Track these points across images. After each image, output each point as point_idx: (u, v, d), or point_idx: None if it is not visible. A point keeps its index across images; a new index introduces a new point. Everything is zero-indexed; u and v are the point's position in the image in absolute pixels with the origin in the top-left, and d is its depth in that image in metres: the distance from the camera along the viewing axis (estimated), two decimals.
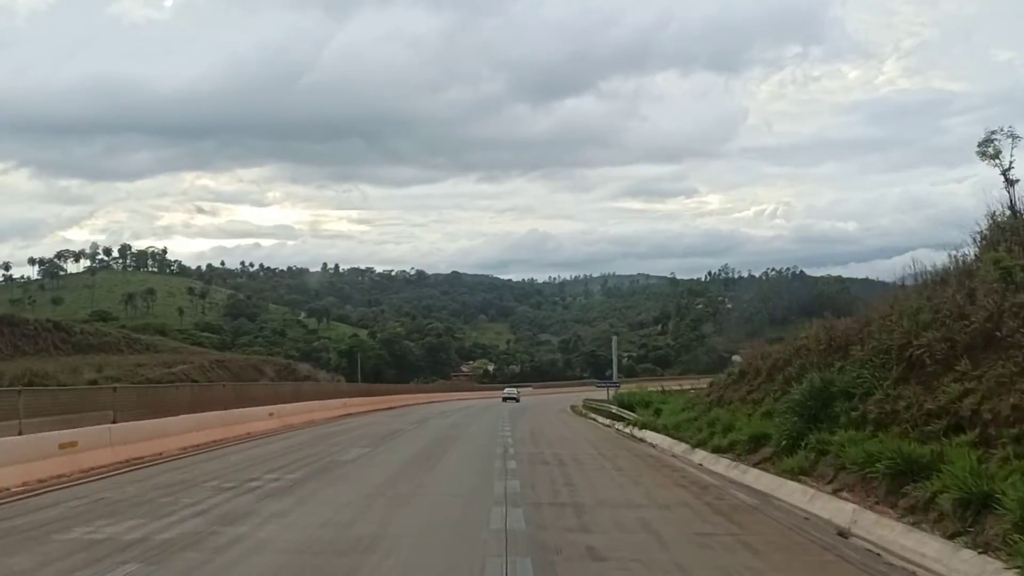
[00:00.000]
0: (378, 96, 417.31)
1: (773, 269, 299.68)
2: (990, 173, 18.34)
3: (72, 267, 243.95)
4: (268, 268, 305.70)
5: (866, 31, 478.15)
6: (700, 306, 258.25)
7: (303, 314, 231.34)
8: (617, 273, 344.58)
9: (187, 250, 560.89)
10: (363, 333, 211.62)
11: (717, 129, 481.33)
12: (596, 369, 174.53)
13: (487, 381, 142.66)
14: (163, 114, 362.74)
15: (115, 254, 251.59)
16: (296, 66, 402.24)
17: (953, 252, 16.98)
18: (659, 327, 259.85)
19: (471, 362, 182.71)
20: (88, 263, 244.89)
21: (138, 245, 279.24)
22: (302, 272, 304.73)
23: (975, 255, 16.34)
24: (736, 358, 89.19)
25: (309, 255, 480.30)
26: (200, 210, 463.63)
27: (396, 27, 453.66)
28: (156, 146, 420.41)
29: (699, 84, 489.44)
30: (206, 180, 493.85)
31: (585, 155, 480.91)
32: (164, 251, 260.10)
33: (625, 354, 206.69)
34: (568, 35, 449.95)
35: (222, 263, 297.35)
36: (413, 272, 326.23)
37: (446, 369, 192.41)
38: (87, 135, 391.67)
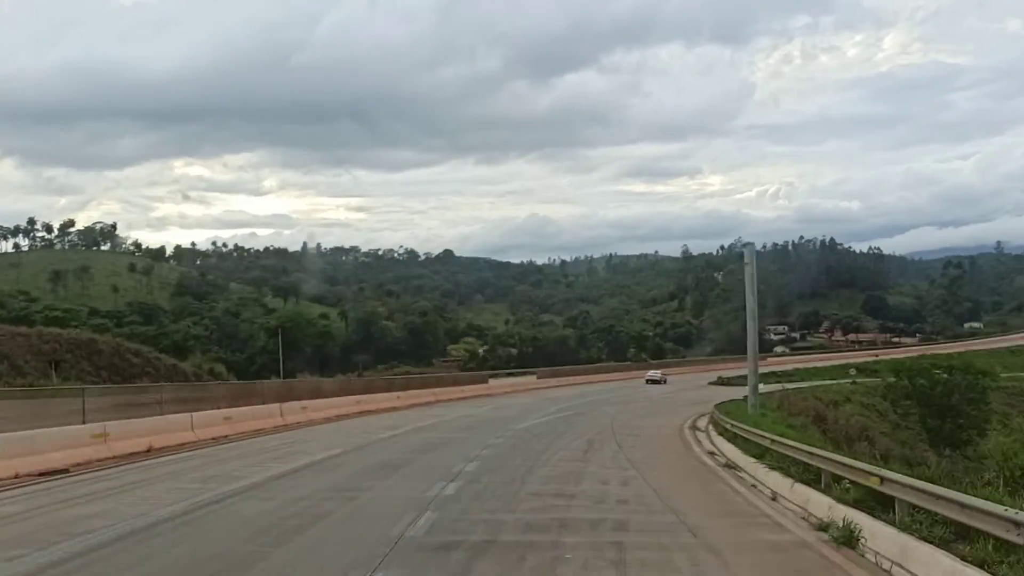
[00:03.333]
0: (371, 75, 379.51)
1: (800, 238, 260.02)
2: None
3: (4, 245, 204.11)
4: (241, 247, 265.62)
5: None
6: (721, 279, 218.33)
7: (269, 294, 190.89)
8: (620, 253, 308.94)
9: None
10: (333, 313, 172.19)
11: (723, 105, 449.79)
12: (615, 349, 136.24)
13: (474, 367, 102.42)
14: (148, 98, 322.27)
15: (56, 231, 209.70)
16: (285, 45, 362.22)
17: None
18: (676, 303, 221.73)
19: (458, 344, 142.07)
20: (24, 240, 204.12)
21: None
22: (280, 252, 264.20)
23: None
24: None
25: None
26: (186, 197, 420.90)
27: (389, 1, 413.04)
28: (140, 131, 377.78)
29: (704, 57, 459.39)
30: (198, 168, 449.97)
31: (586, 134, 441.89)
32: (114, 227, 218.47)
33: (637, 333, 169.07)
34: (568, 6, 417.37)
35: (192, 244, 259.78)
36: (403, 252, 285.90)
37: (430, 354, 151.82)
38: (70, 121, 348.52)
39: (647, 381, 75.30)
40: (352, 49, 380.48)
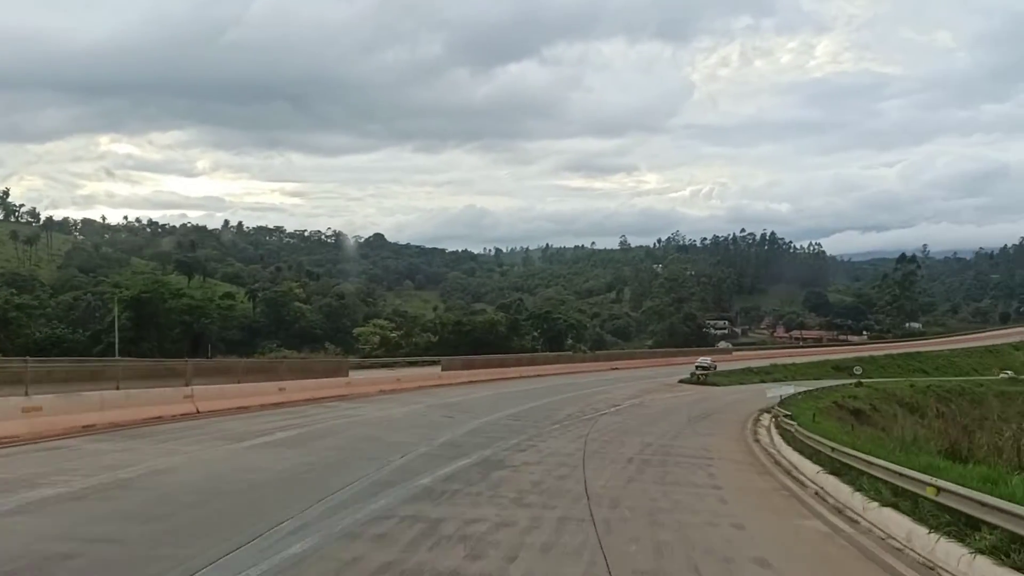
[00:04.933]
0: (307, 56, 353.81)
1: (742, 231, 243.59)
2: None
3: None
4: (156, 223, 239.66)
5: (820, 5, 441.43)
6: (662, 270, 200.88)
7: (174, 271, 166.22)
8: (555, 246, 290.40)
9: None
10: (241, 292, 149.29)
11: (662, 103, 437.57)
12: (551, 338, 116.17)
13: (382, 353, 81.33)
14: (73, 69, 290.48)
15: None
16: (219, 21, 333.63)
17: None
18: (613, 294, 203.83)
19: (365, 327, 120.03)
20: None
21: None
22: (199, 230, 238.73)
23: None
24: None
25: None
26: (109, 174, 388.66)
27: None
28: (65, 104, 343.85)
29: (646, 54, 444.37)
30: (126, 145, 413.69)
31: (526, 126, 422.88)
32: (7, 192, 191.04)
33: (576, 321, 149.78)
34: None
35: (103, 217, 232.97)
36: (331, 233, 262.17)
37: (348, 339, 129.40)
38: None
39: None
40: (288, 28, 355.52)
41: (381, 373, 41.25)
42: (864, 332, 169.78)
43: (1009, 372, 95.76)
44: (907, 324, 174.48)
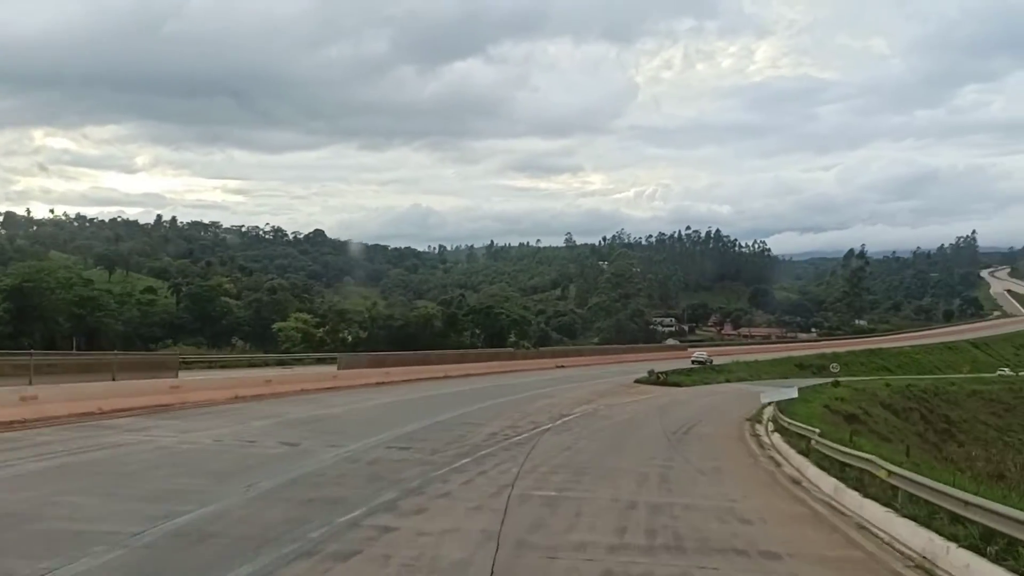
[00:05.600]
0: (250, 50, 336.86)
1: (688, 228, 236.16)
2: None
3: None
4: (84, 217, 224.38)
5: (761, 9, 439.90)
6: (608, 266, 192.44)
7: (95, 265, 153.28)
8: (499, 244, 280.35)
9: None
10: (164, 286, 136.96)
11: (607, 104, 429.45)
12: (492, 334, 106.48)
13: (304, 349, 70.77)
14: (5, 60, 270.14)
15: None
16: (159, 12, 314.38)
17: None
18: (559, 291, 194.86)
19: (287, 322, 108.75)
20: None
21: None
22: (129, 224, 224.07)
23: None
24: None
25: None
26: (43, 169, 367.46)
27: None
28: None
29: (592, 55, 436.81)
30: (62, 140, 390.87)
31: (472, 125, 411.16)
32: None
33: (520, 317, 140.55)
34: None
35: (27, 211, 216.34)
36: (269, 229, 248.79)
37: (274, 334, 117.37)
38: None
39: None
40: (231, 22, 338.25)
41: (256, 373, 31.07)
42: (812, 329, 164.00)
43: (1006, 370, 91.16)
44: (855, 321, 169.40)
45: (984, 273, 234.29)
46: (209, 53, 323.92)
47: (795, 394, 27.81)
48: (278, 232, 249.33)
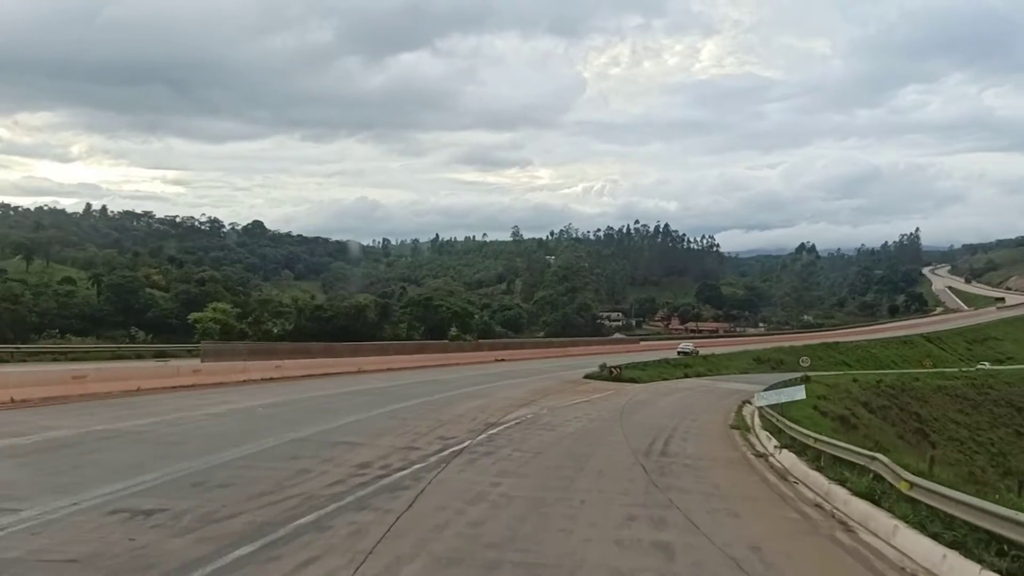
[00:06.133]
0: (188, 38, 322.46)
1: (636, 222, 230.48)
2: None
3: None
4: (6, 205, 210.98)
5: (708, 7, 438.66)
6: (555, 260, 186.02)
7: (13, 255, 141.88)
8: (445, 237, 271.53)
9: None
10: (84, 277, 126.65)
11: (555, 99, 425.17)
12: (432, 327, 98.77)
13: (219, 337, 61.95)
14: None
15: None
16: None
17: None
18: (504, 285, 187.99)
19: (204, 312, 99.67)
20: None
21: None
22: (54, 213, 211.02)
23: None
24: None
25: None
26: None
27: None
28: None
29: (540, 49, 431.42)
30: None
31: (419, 118, 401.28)
32: None
33: (461, 309, 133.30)
34: None
35: None
36: (205, 220, 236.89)
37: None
38: None
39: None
40: (169, 8, 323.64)
41: (66, 367, 23.13)
42: (760, 324, 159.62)
43: (986, 364, 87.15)
44: (803, 317, 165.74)
45: (925, 270, 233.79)
46: (147, 40, 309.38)
47: (802, 394, 20.81)
48: (215, 223, 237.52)
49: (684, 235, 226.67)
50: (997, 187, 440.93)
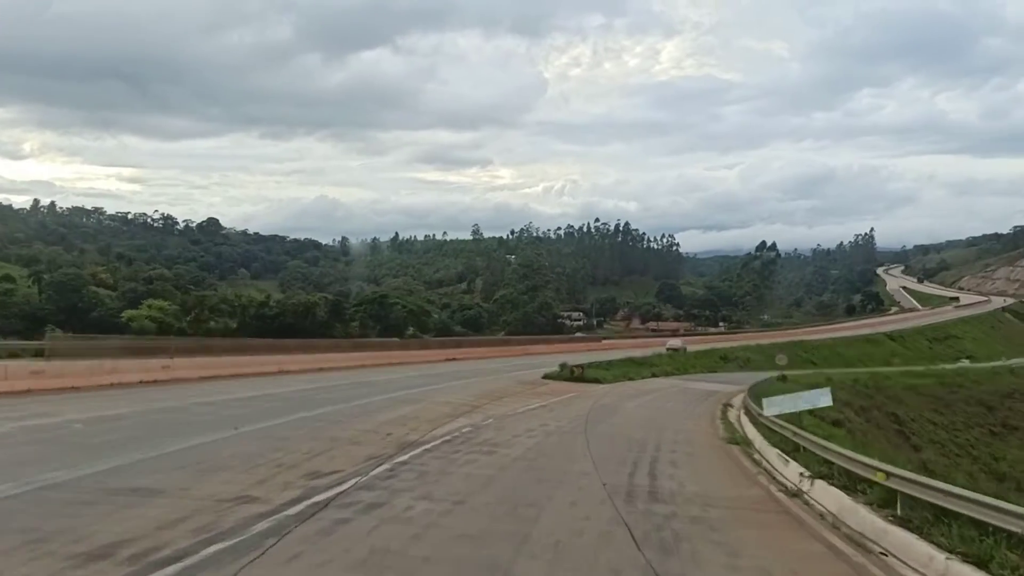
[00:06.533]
0: (143, 32, 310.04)
1: (596, 220, 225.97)
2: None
3: None
4: None
5: (669, 8, 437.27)
6: (515, 259, 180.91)
7: None
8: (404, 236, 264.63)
9: None
10: (25, 274, 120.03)
11: (516, 99, 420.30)
12: (388, 326, 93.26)
13: (155, 335, 56.52)
14: None
15: None
16: None
17: None
18: (465, 284, 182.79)
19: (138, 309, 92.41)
20: None
21: None
22: (1, 208, 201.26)
23: None
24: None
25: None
26: None
27: None
28: None
29: (502, 48, 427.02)
30: None
31: (380, 116, 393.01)
32: None
33: (418, 308, 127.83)
34: None
35: None
36: (159, 217, 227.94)
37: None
38: None
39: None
40: (123, 2, 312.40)
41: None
42: (721, 324, 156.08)
43: (966, 360, 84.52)
44: (762, 316, 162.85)
45: (880, 270, 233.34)
46: (99, 35, 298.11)
47: (828, 400, 15.78)
48: (168, 221, 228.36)
49: (644, 234, 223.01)
50: (947, 189, 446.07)
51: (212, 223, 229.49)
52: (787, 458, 13.24)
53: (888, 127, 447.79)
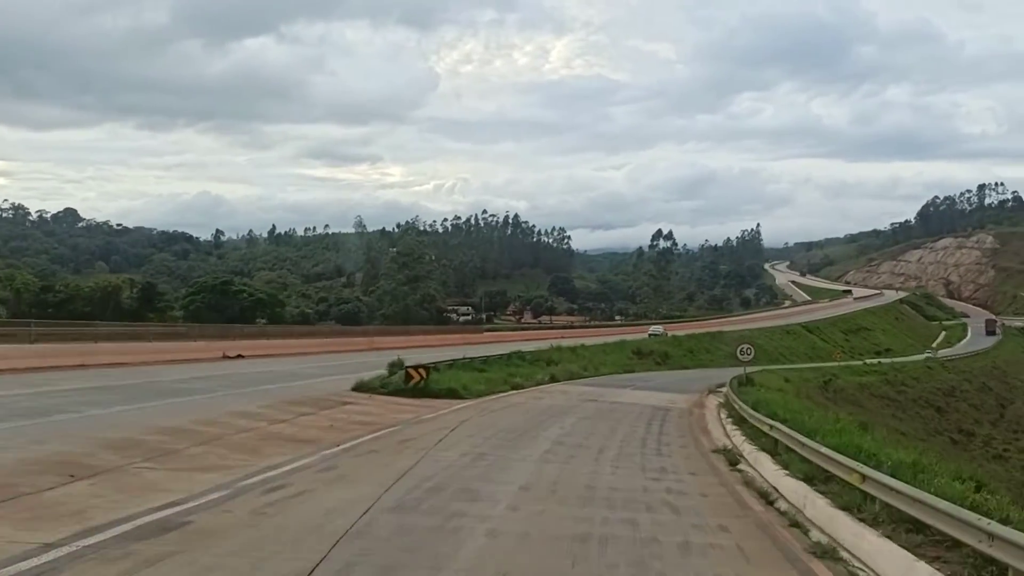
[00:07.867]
0: (5, 14, 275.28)
1: (484, 212, 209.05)
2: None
3: None
4: None
5: (560, 3, 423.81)
6: (397, 249, 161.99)
7: None
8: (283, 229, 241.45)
9: None
10: None
11: (407, 93, 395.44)
12: (231, 319, 73.78)
13: None
14: None
15: None
16: None
17: None
18: (344, 279, 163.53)
19: None
20: None
21: None
22: None
23: None
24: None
25: None
26: None
27: None
28: None
29: (391, 40, 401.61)
30: None
31: (265, 108, 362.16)
32: None
33: (298, 309, 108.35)
34: None
35: None
36: (8, 207, 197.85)
37: None
38: None
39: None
40: None
41: None
42: (617, 316, 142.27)
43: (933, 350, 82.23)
44: (659, 308, 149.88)
45: (766, 266, 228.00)
46: None
47: None
48: (19, 210, 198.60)
49: (535, 227, 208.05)
50: (821, 191, 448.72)
51: (69, 213, 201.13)
52: None
53: (766, 130, 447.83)
